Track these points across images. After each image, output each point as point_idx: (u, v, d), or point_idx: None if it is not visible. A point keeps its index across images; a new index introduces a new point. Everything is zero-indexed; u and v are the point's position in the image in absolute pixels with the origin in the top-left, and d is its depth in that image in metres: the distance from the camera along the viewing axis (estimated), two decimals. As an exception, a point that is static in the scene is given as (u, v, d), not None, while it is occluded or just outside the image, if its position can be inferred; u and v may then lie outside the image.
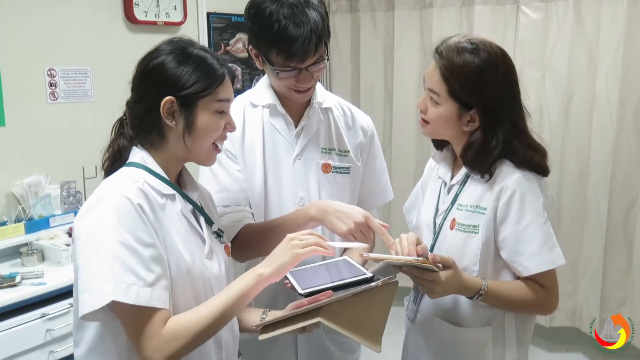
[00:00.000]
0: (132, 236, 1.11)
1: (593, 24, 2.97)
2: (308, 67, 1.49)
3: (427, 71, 1.46)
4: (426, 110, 1.47)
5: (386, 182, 1.83)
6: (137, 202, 1.14)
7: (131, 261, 1.10)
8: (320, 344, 1.71)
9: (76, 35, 2.71)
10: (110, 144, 1.31)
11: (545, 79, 3.14)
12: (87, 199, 1.20)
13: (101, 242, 1.11)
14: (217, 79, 1.24)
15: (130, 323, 1.12)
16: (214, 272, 1.30)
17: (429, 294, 1.37)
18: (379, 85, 3.75)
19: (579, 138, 3.10)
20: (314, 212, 1.49)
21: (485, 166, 1.43)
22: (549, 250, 1.40)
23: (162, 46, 1.26)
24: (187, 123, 1.22)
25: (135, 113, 1.26)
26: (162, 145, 1.26)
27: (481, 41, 1.43)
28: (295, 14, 1.43)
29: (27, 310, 2.09)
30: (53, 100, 2.65)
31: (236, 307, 1.21)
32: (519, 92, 1.47)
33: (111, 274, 1.08)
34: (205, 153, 1.28)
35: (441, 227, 1.52)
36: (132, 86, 1.27)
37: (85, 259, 1.12)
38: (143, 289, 1.10)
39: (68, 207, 2.61)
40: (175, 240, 1.21)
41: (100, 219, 1.13)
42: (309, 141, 1.65)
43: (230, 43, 3.49)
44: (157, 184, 1.22)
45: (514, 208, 1.39)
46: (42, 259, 2.38)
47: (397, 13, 3.56)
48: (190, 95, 1.21)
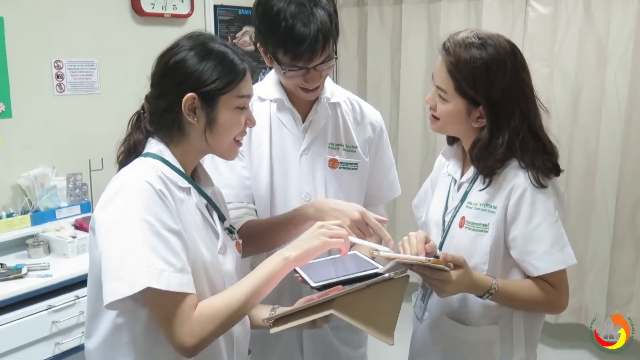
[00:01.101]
0: (159, 222, 1.11)
1: (603, 19, 2.95)
2: (316, 67, 1.48)
3: (436, 67, 1.44)
4: (435, 107, 1.45)
5: (394, 178, 1.82)
6: (159, 188, 1.15)
7: (160, 247, 1.10)
8: (326, 340, 1.71)
9: (83, 27, 2.71)
10: (126, 137, 1.30)
11: (553, 75, 3.11)
12: (107, 188, 1.19)
13: (128, 229, 1.10)
14: (239, 74, 1.23)
15: (162, 309, 1.12)
16: (227, 268, 1.30)
17: (439, 293, 1.36)
18: (385, 79, 3.73)
19: (587, 134, 3.08)
20: (311, 211, 1.49)
21: (489, 164, 1.41)
22: (560, 250, 1.38)
23: (182, 42, 1.24)
24: (208, 120, 1.22)
25: (156, 109, 1.25)
26: (181, 139, 1.25)
27: (489, 36, 1.41)
28: (303, 13, 1.41)
29: (33, 302, 2.09)
30: (60, 92, 2.64)
31: (264, 290, 1.21)
32: (531, 89, 1.44)
33: (144, 259, 1.08)
34: (227, 147, 1.29)
35: (450, 224, 1.51)
36: (153, 82, 1.26)
37: (112, 247, 1.11)
38: (174, 274, 1.10)
39: (74, 199, 2.62)
40: (193, 233, 1.21)
41: (125, 205, 1.12)
42: (316, 136, 1.64)
43: (237, 36, 3.48)
44: (173, 176, 1.22)
45: (525, 207, 1.38)
46: (48, 250, 2.38)
47: (404, 7, 3.54)
48: (212, 92, 1.21)
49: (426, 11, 3.50)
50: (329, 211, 1.46)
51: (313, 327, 1.28)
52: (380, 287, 1.22)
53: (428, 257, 1.31)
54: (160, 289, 1.07)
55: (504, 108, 1.39)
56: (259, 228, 1.55)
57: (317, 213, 1.47)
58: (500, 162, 1.41)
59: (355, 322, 1.18)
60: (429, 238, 1.43)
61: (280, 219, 1.56)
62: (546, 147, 1.44)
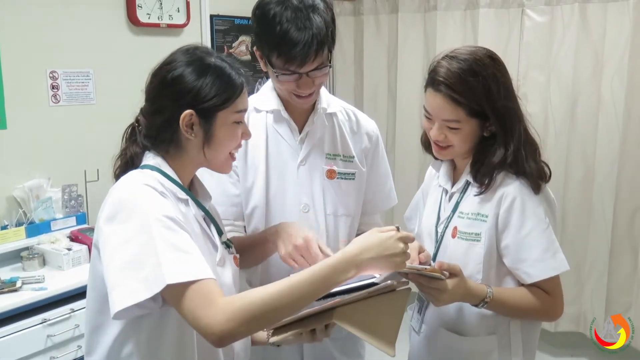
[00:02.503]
0: (169, 219, 1.10)
1: (599, 27, 2.95)
2: (309, 73, 1.47)
3: (432, 105, 1.42)
4: (444, 139, 1.43)
5: (390, 188, 1.82)
6: (161, 190, 1.15)
7: (176, 241, 1.08)
8: (325, 350, 1.70)
9: (78, 37, 2.70)
10: (122, 151, 1.29)
11: (550, 83, 3.12)
12: (107, 199, 1.16)
13: (141, 236, 1.08)
14: (237, 89, 1.23)
15: (187, 300, 1.06)
16: (226, 281, 1.28)
17: (434, 302, 1.35)
18: (382, 88, 3.73)
19: (584, 142, 3.08)
20: (271, 232, 1.51)
21: (490, 177, 1.42)
22: (552, 257, 1.38)
23: (178, 56, 1.23)
24: (206, 135, 1.21)
25: (153, 124, 1.24)
26: (179, 154, 1.24)
27: (461, 51, 1.41)
28: (299, 18, 1.41)
29: (27, 316, 2.06)
30: (55, 102, 2.63)
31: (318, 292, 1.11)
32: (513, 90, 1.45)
33: (160, 258, 1.05)
34: (222, 162, 1.28)
35: (443, 235, 1.50)
36: (148, 96, 1.25)
37: (122, 256, 1.08)
38: (191, 265, 1.07)
39: (69, 210, 2.59)
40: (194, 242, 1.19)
41: (131, 216, 1.10)
42: (313, 147, 1.64)
43: (234, 46, 3.48)
44: (172, 188, 1.21)
45: (515, 215, 1.38)
46: (43, 263, 2.36)
47: (400, 16, 3.55)
48: (210, 108, 1.20)
49: (422, 20, 3.51)
50: (281, 234, 1.47)
51: (313, 340, 1.26)
52: (382, 297, 1.20)
53: (425, 266, 1.31)
54: (182, 281, 1.05)
55: (508, 112, 1.39)
56: (241, 245, 1.54)
57: (273, 236, 1.48)
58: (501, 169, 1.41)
59: (357, 331, 1.17)
60: (422, 247, 1.43)
61: (252, 241, 1.56)
62: (539, 150, 1.45)
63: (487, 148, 1.42)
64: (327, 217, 1.65)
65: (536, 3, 3.11)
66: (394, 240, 1.16)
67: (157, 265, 1.05)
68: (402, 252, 1.16)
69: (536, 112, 3.12)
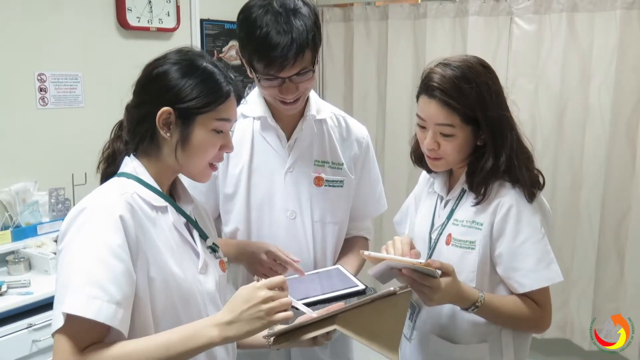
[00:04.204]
0: (107, 249, 1.07)
1: (586, 36, 2.98)
2: (291, 78, 1.46)
3: (427, 111, 1.41)
4: (438, 147, 1.42)
5: (380, 193, 1.82)
6: (120, 213, 1.11)
7: (102, 275, 1.05)
8: (314, 354, 1.69)
9: (67, 39, 2.68)
10: (107, 145, 1.28)
11: (538, 91, 3.14)
12: (71, 209, 1.16)
13: (75, 255, 1.08)
14: (221, 96, 1.20)
15: (77, 339, 1.03)
16: (208, 288, 1.26)
17: (426, 302, 1.34)
18: (372, 94, 3.74)
19: (571, 149, 3.11)
20: (233, 251, 1.55)
21: (485, 186, 1.42)
22: (546, 267, 1.38)
23: (170, 54, 1.23)
24: (182, 137, 1.19)
25: (132, 117, 1.23)
26: (157, 154, 1.22)
27: (454, 58, 1.42)
28: (279, 22, 1.41)
29: (13, 321, 2.04)
30: (43, 105, 2.61)
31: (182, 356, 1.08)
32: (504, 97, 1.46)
33: (76, 286, 1.04)
34: (199, 170, 1.24)
35: (437, 242, 1.50)
36: (134, 90, 1.24)
37: (59, 273, 1.09)
38: (107, 304, 1.04)
39: (56, 214, 2.57)
40: (165, 255, 1.17)
41: (78, 233, 1.09)
42: (301, 154, 1.63)
43: (224, 50, 3.48)
44: (147, 195, 1.19)
45: (511, 223, 1.38)
46: (29, 267, 2.34)
47: (390, 23, 3.56)
48: (189, 109, 1.18)
49: (412, 27, 3.53)
50: (245, 253, 1.54)
51: (314, 344, 1.25)
52: (383, 302, 1.19)
53: (419, 260, 1.30)
54: (85, 317, 1.02)
55: (500, 121, 1.40)
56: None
57: (236, 254, 1.55)
58: (496, 178, 1.41)
59: (359, 337, 1.16)
60: (413, 244, 1.42)
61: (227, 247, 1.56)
62: (532, 157, 1.45)
63: (481, 157, 1.42)
64: (314, 225, 1.64)
65: (524, 11, 3.14)
66: (253, 290, 1.11)
67: (77, 292, 1.04)
68: (262, 300, 1.09)
69: (524, 119, 3.14)
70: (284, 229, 1.62)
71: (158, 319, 1.16)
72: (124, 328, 1.07)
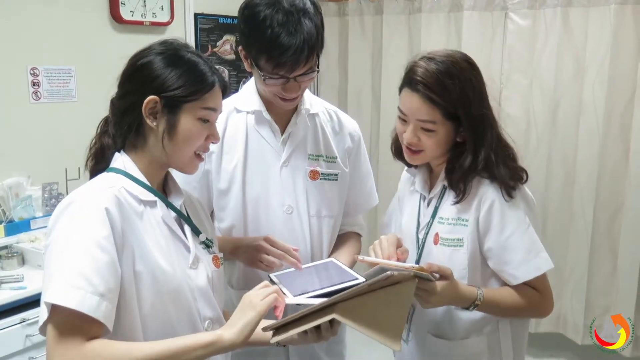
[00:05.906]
0: (92, 240, 1.07)
1: (581, 31, 2.99)
2: (296, 77, 1.46)
3: (408, 105, 1.42)
4: (418, 142, 1.43)
5: (371, 187, 1.82)
6: (106, 206, 1.11)
7: (86, 265, 1.05)
8: (311, 352, 1.69)
9: (60, 33, 2.67)
10: (93, 141, 1.27)
11: (532, 86, 3.15)
12: (59, 203, 1.16)
13: (61, 249, 1.08)
14: (206, 85, 1.21)
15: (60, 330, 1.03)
16: (199, 283, 1.25)
17: (422, 304, 1.34)
18: (366, 89, 3.74)
19: (565, 145, 3.12)
20: (229, 246, 1.56)
21: (464, 183, 1.42)
22: (535, 256, 1.39)
23: (154, 45, 1.23)
24: (168, 126, 1.19)
25: (118, 109, 1.23)
26: (143, 146, 1.22)
27: (438, 53, 1.42)
28: (290, 22, 1.39)
29: (6, 315, 2.04)
30: (36, 99, 2.60)
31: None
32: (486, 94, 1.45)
33: (60, 276, 1.04)
34: (185, 161, 1.24)
35: (424, 242, 1.50)
36: (119, 82, 1.24)
37: (45, 266, 1.09)
38: (90, 295, 1.03)
39: (50, 209, 2.56)
40: (152, 249, 1.17)
41: (64, 227, 1.09)
42: (296, 148, 1.63)
43: (218, 45, 3.46)
44: (135, 190, 1.19)
45: (496, 218, 1.39)
46: (22, 262, 2.33)
47: (385, 17, 3.55)
48: (175, 98, 1.18)
49: (407, 22, 3.52)
50: (241, 246, 1.54)
51: (319, 339, 1.24)
52: (386, 290, 1.16)
53: (414, 265, 1.29)
54: (68, 307, 1.02)
55: (481, 118, 1.40)
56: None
57: (233, 249, 1.56)
58: (474, 174, 1.41)
59: (359, 326, 1.13)
60: (400, 242, 1.42)
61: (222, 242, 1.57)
62: (513, 155, 1.45)
63: (460, 154, 1.42)
64: (310, 219, 1.64)
65: (519, 7, 3.14)
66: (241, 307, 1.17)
67: (60, 283, 1.04)
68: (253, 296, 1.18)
69: (518, 115, 3.15)
70: (282, 224, 1.61)
71: (147, 313, 1.15)
72: (108, 322, 1.06)
